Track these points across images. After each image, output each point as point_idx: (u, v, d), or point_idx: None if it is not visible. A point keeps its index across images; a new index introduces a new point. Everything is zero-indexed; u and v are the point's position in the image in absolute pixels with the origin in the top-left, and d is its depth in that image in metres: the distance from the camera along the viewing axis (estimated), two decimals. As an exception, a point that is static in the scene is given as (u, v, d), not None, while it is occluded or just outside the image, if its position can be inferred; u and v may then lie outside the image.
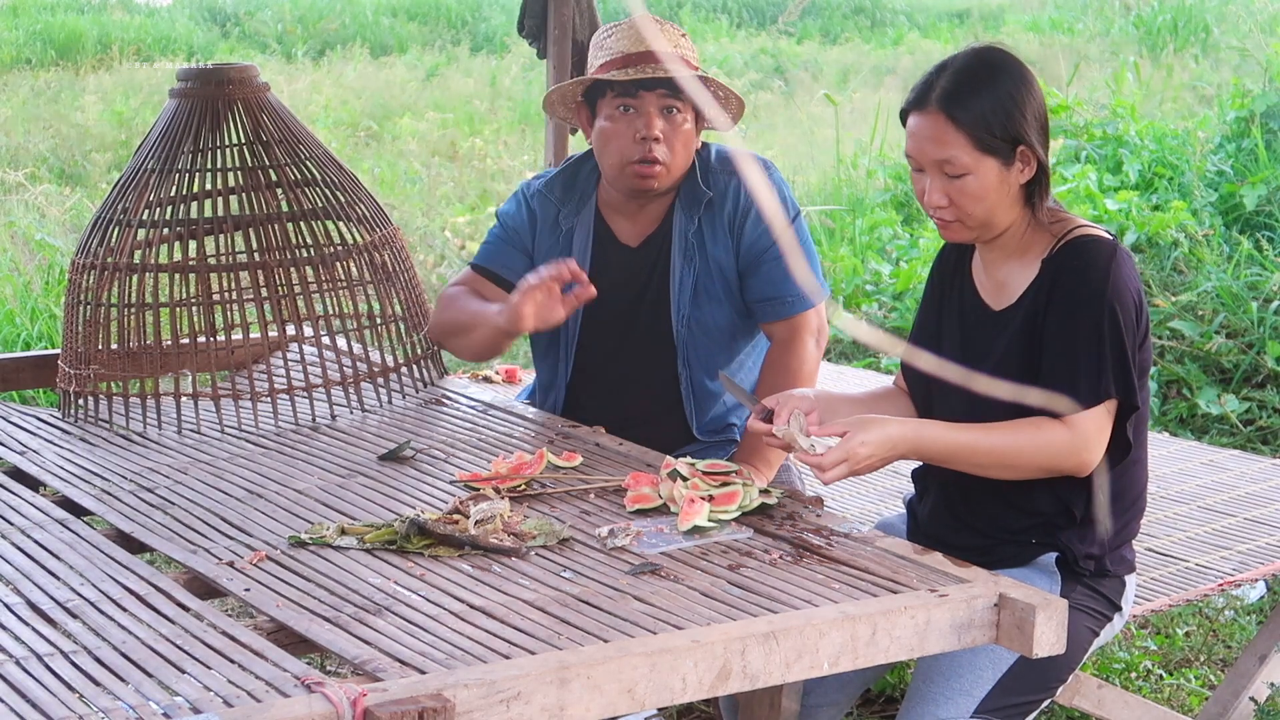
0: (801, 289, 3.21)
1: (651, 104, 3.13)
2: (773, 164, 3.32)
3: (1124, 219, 6.89)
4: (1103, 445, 2.56)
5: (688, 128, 3.17)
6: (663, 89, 3.12)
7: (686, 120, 3.16)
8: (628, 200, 3.25)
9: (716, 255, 3.23)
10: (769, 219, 3.20)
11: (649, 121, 3.12)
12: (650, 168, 3.14)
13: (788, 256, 3.19)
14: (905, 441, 2.53)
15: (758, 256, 3.22)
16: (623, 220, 3.29)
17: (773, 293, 3.22)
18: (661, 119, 3.13)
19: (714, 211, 3.22)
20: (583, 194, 3.31)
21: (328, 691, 1.88)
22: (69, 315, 3.48)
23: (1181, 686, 3.94)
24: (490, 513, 2.54)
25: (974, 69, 2.57)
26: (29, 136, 11.01)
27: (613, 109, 3.15)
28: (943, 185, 2.57)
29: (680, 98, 3.13)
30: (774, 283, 3.22)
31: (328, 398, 3.39)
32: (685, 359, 3.26)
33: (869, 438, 2.49)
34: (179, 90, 3.49)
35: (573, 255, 3.28)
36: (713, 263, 3.23)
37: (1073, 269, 2.56)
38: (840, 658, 2.15)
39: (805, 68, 14.69)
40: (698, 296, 3.24)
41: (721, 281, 3.24)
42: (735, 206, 3.22)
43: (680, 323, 3.24)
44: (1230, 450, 4.12)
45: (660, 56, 3.11)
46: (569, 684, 1.97)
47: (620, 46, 3.15)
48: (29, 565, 2.47)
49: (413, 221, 8.50)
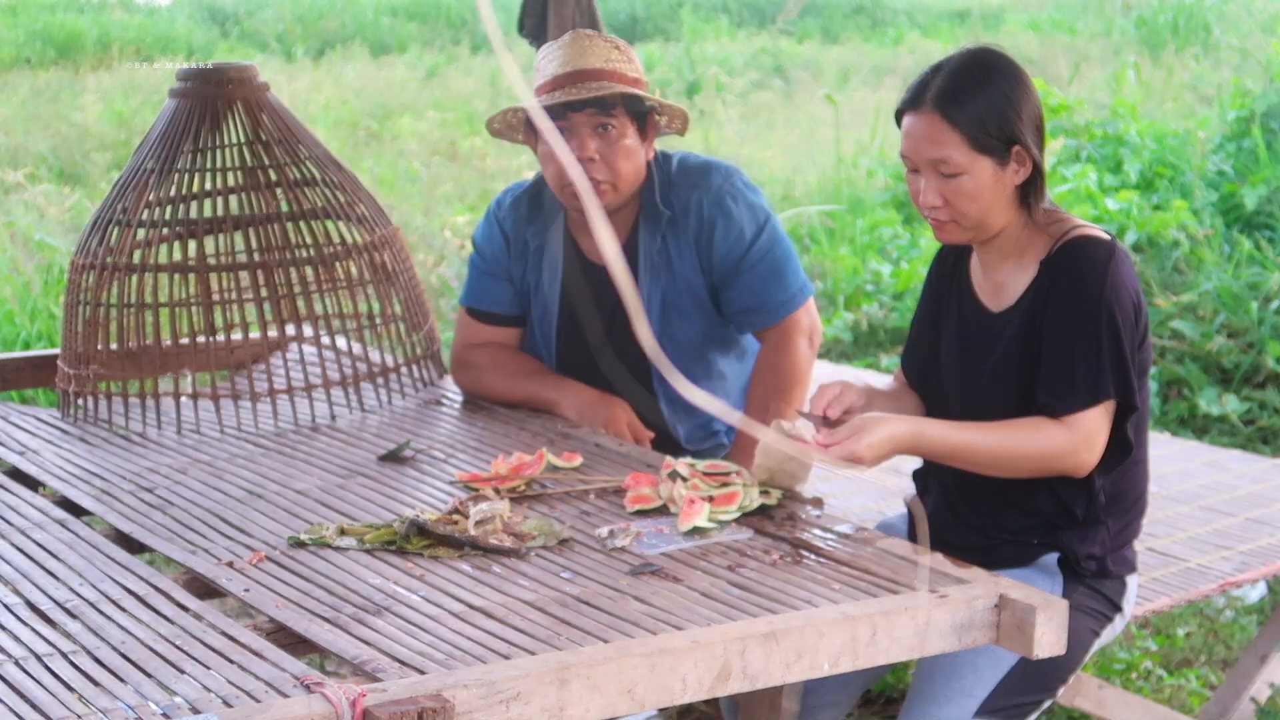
0: (784, 294, 3.19)
1: (583, 124, 3.08)
2: (736, 169, 3.27)
3: (1124, 219, 6.89)
4: (1101, 446, 2.56)
5: (627, 142, 3.10)
6: (592, 108, 3.07)
7: (625, 134, 3.10)
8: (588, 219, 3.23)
9: (683, 272, 3.19)
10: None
11: (582, 143, 3.07)
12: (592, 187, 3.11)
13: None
14: (906, 439, 2.53)
15: (731, 269, 3.18)
16: (590, 238, 3.25)
17: (753, 303, 3.20)
18: (595, 138, 3.08)
19: (677, 228, 3.18)
20: (549, 212, 3.28)
21: (327, 692, 1.88)
22: (69, 315, 3.48)
23: (1182, 687, 3.94)
24: (490, 513, 2.54)
25: (969, 69, 2.57)
26: (29, 136, 11.01)
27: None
28: (938, 185, 2.57)
29: (611, 114, 3.08)
30: (753, 293, 3.19)
31: (328, 398, 3.39)
32: (659, 375, 3.25)
33: (872, 439, 2.50)
34: (179, 90, 3.48)
35: (544, 273, 3.27)
36: (680, 279, 3.19)
37: (1070, 270, 2.56)
38: (840, 658, 2.14)
39: (805, 67, 14.68)
40: (667, 313, 3.21)
41: (691, 296, 3.21)
42: (700, 222, 3.17)
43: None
44: (1231, 450, 4.11)
45: (589, 74, 3.08)
46: (569, 684, 1.96)
47: (550, 69, 3.12)
48: (28, 565, 2.47)
49: (413, 221, 8.50)
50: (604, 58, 3.10)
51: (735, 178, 3.22)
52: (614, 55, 3.12)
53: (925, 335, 2.80)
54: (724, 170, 3.23)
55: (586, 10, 4.70)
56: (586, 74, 3.07)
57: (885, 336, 6.66)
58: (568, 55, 3.10)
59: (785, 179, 9.06)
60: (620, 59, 3.13)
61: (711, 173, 3.21)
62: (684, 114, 3.23)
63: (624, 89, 3.08)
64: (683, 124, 3.23)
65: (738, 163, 8.63)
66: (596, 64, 3.09)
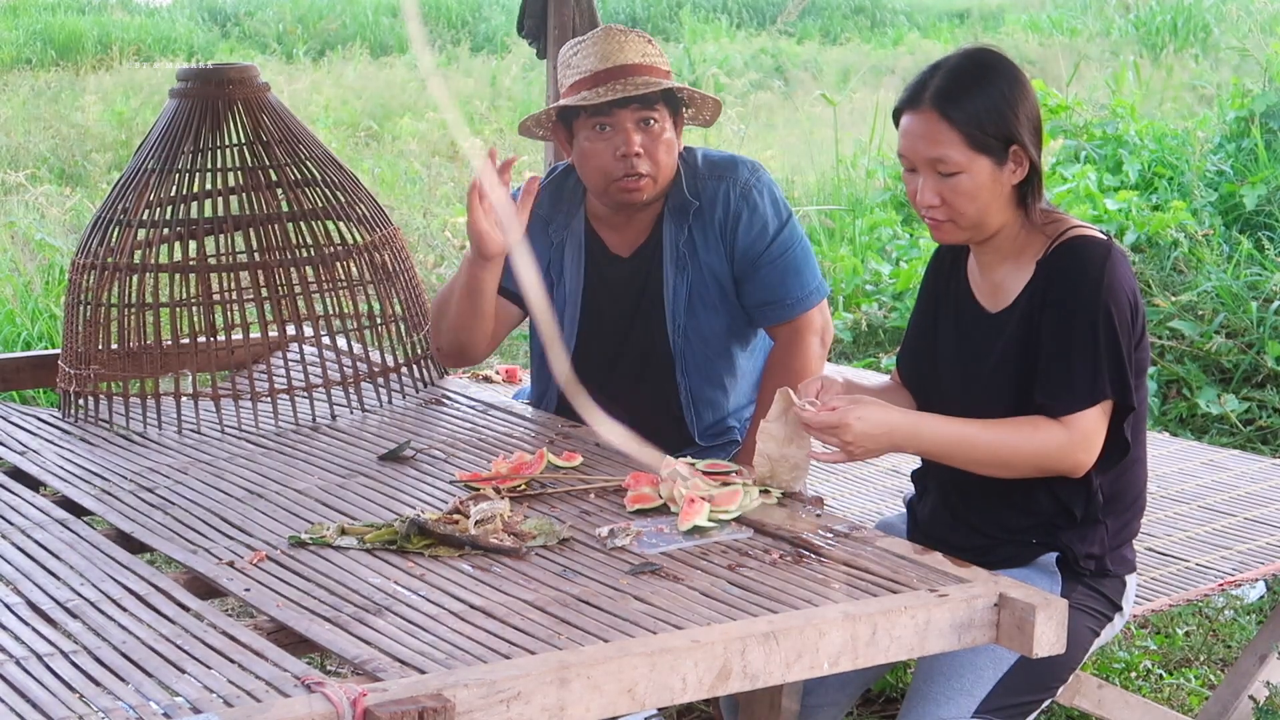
0: (801, 290, 3.21)
1: (627, 120, 3.10)
2: (760, 165, 3.30)
3: (1124, 219, 6.89)
4: (1098, 446, 2.56)
5: (667, 135, 3.15)
6: (636, 103, 3.10)
7: (665, 128, 3.14)
8: (615, 212, 3.24)
9: (710, 263, 3.21)
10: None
11: (628, 138, 3.10)
12: (636, 182, 3.12)
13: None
14: (902, 430, 2.53)
15: (753, 261, 3.20)
16: (612, 231, 3.27)
17: (771, 297, 3.22)
18: (639, 133, 3.11)
19: (704, 219, 3.21)
20: (570, 206, 3.29)
21: (328, 691, 1.88)
22: (69, 315, 3.48)
23: (1181, 686, 3.94)
24: (490, 513, 2.54)
25: (968, 69, 2.57)
26: (29, 137, 11.01)
27: (590, 129, 3.13)
28: (935, 184, 2.57)
29: (654, 108, 3.12)
30: (771, 287, 3.21)
31: (328, 398, 3.39)
32: (683, 368, 3.26)
33: (866, 414, 2.50)
34: (179, 90, 3.49)
35: (566, 267, 3.28)
36: (706, 270, 3.21)
37: (1067, 270, 2.56)
38: (840, 658, 2.15)
39: (805, 68, 14.68)
40: (692, 305, 3.23)
41: (716, 289, 3.23)
42: (725, 212, 3.20)
43: (676, 333, 3.24)
44: (1230, 450, 4.12)
45: (630, 69, 3.11)
46: (569, 684, 1.97)
47: (588, 65, 3.13)
48: (29, 565, 2.47)
49: (413, 221, 8.50)
50: (640, 52, 3.14)
51: (760, 172, 3.26)
52: (649, 50, 3.17)
53: (922, 336, 2.80)
54: (750, 165, 3.28)
55: (586, 10, 4.69)
56: (627, 69, 3.11)
57: (885, 336, 6.66)
58: (605, 50, 3.13)
59: (785, 179, 9.05)
60: (654, 53, 3.18)
61: (739, 166, 3.25)
62: (717, 104, 3.27)
63: (668, 84, 3.12)
64: (713, 114, 3.27)
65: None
66: (635, 59, 3.12)
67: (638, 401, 3.25)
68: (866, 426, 2.50)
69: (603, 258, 3.28)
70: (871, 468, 3.83)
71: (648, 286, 3.25)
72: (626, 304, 3.26)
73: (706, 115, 3.28)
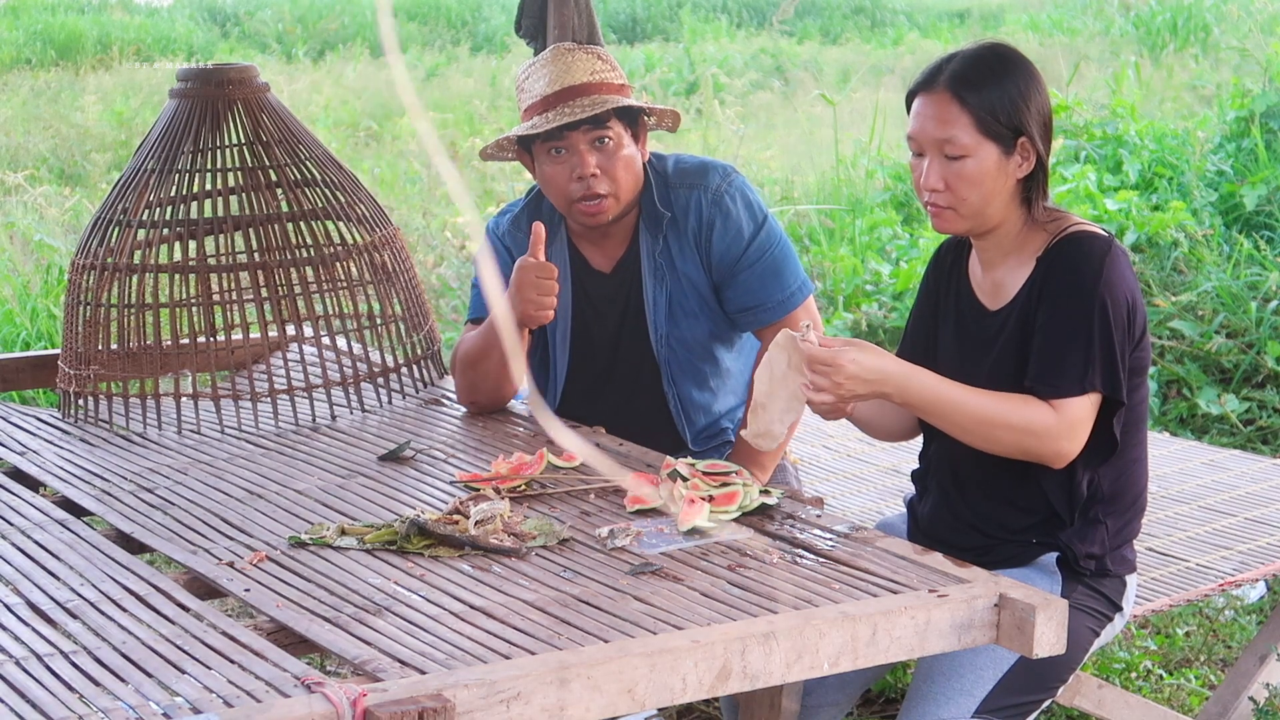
0: (782, 292, 3.20)
1: (580, 142, 3.09)
2: (732, 169, 3.28)
3: (1124, 219, 6.89)
4: (1083, 437, 2.55)
5: (625, 151, 3.12)
6: (587, 124, 3.08)
7: (622, 144, 3.12)
8: (589, 230, 3.24)
9: (687, 271, 3.20)
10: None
11: (582, 160, 3.09)
12: (595, 204, 3.11)
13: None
14: (895, 378, 2.50)
15: (730, 268, 3.19)
16: (592, 247, 3.27)
17: (753, 302, 3.21)
18: (594, 153, 3.09)
19: (678, 229, 3.19)
20: (551, 225, 3.27)
21: (328, 691, 1.88)
22: (69, 315, 3.48)
23: (1181, 686, 3.94)
24: (490, 513, 2.54)
25: (985, 58, 2.58)
26: (29, 137, 11.01)
27: (545, 154, 3.12)
28: (941, 168, 2.57)
29: (607, 126, 3.09)
30: (752, 292, 3.20)
31: (328, 398, 3.39)
32: (670, 376, 3.26)
33: (862, 357, 2.48)
34: (179, 90, 3.49)
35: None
36: (684, 279, 3.21)
37: (1065, 263, 2.56)
38: (840, 658, 2.15)
39: (805, 68, 14.68)
40: (673, 314, 3.22)
41: (696, 297, 3.22)
42: (699, 221, 3.18)
43: (660, 342, 3.24)
44: (1230, 450, 4.11)
45: (578, 89, 3.09)
46: (569, 684, 1.97)
47: (538, 88, 3.12)
48: (29, 565, 2.48)
49: (413, 221, 8.50)
50: (589, 70, 3.12)
51: (733, 177, 3.23)
52: (598, 66, 3.13)
53: (922, 333, 2.80)
54: (721, 169, 3.24)
55: (585, 10, 4.69)
56: (576, 90, 3.09)
57: (885, 336, 6.66)
58: (553, 73, 3.11)
59: (784, 179, 9.06)
60: (605, 68, 3.14)
61: (709, 172, 3.22)
62: (675, 114, 3.24)
63: (616, 101, 3.09)
64: (674, 122, 3.25)
65: (737, 163, 8.62)
66: (583, 78, 3.10)
67: (634, 413, 3.25)
68: (860, 370, 2.48)
69: (586, 275, 3.28)
70: (872, 467, 3.83)
71: (630, 300, 3.25)
72: (613, 319, 3.27)
73: (669, 123, 3.25)
